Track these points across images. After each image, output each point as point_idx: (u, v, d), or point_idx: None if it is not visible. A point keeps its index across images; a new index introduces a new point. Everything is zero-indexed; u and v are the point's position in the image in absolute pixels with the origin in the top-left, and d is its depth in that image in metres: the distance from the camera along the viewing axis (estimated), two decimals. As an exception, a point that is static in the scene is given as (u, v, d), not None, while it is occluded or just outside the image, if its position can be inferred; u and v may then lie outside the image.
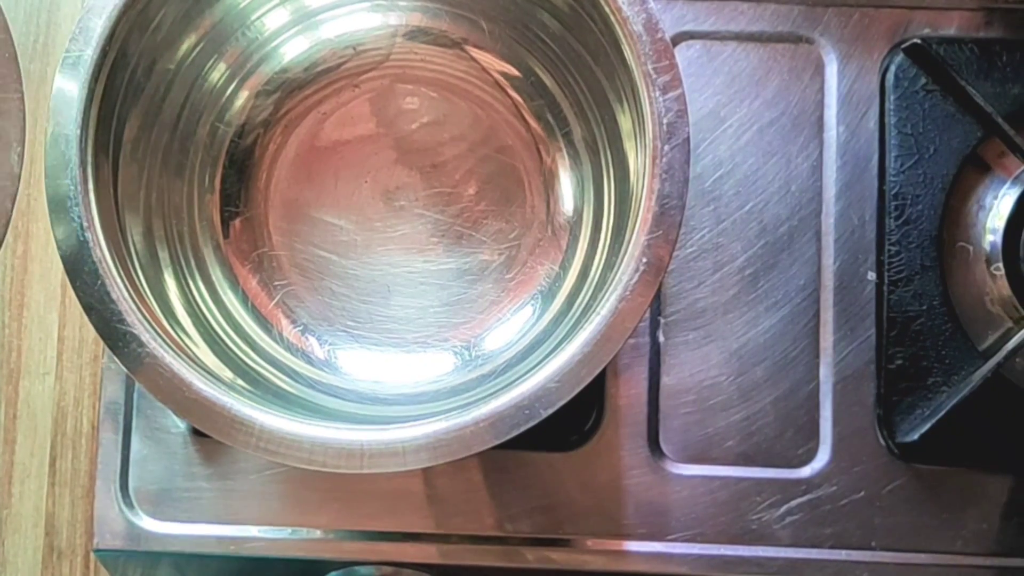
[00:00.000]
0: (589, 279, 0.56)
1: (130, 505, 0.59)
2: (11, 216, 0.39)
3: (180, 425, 0.59)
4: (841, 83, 0.61)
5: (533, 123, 0.60)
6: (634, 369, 0.59)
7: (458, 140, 0.60)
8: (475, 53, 0.60)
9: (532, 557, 0.58)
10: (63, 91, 0.48)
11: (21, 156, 0.39)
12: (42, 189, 0.47)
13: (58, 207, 0.48)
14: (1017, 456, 0.58)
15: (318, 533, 0.58)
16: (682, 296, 0.60)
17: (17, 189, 0.39)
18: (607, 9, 0.50)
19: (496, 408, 0.46)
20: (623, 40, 0.50)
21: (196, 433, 0.59)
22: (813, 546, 0.58)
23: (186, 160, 0.58)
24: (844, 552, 0.58)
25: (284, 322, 0.59)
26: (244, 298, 0.59)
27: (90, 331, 0.62)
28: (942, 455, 0.58)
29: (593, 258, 0.57)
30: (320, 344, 0.59)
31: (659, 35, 0.49)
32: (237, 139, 0.60)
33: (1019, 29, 0.61)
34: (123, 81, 0.52)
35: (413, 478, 0.59)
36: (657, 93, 0.49)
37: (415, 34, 0.61)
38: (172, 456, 0.59)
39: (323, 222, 0.60)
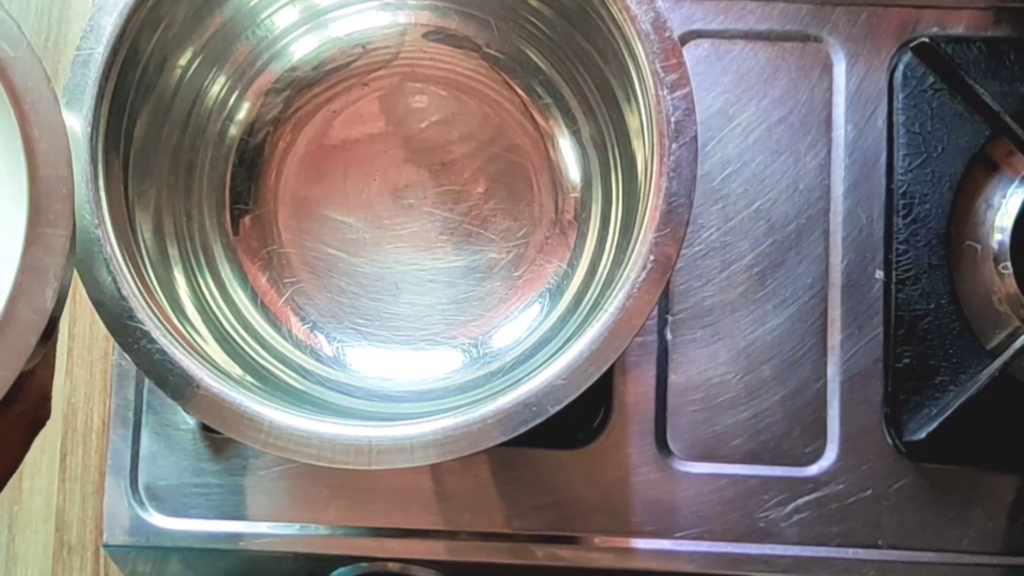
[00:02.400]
0: (597, 277, 0.56)
1: (140, 501, 0.59)
2: (33, 349, 0.39)
3: (189, 421, 0.59)
4: (849, 82, 0.61)
5: (541, 121, 0.60)
6: (642, 367, 0.60)
7: (467, 138, 0.60)
8: (484, 51, 0.60)
9: (541, 554, 0.59)
10: (74, 89, 0.49)
11: (56, 294, 0.40)
12: (53, 186, 0.48)
13: (69, 204, 0.48)
14: (1024, 455, 0.58)
15: (326, 529, 0.59)
16: (690, 294, 0.60)
17: (44, 326, 0.40)
18: (615, 8, 0.50)
19: (504, 405, 0.46)
20: (631, 39, 0.50)
21: (205, 429, 0.59)
22: (820, 544, 0.58)
23: (196, 158, 0.58)
24: (851, 550, 0.58)
25: (293, 319, 0.59)
26: (253, 295, 0.59)
27: (100, 328, 0.62)
28: (949, 454, 0.58)
29: (601, 256, 0.57)
30: (329, 341, 0.59)
31: (667, 34, 0.49)
32: (247, 137, 0.60)
33: (1028, 28, 0.62)
34: (134, 79, 0.52)
35: (421, 475, 0.59)
36: (665, 91, 0.49)
37: (424, 33, 0.61)
38: (182, 452, 0.59)
39: (332, 220, 0.60)
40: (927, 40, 0.61)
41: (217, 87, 0.59)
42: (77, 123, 0.48)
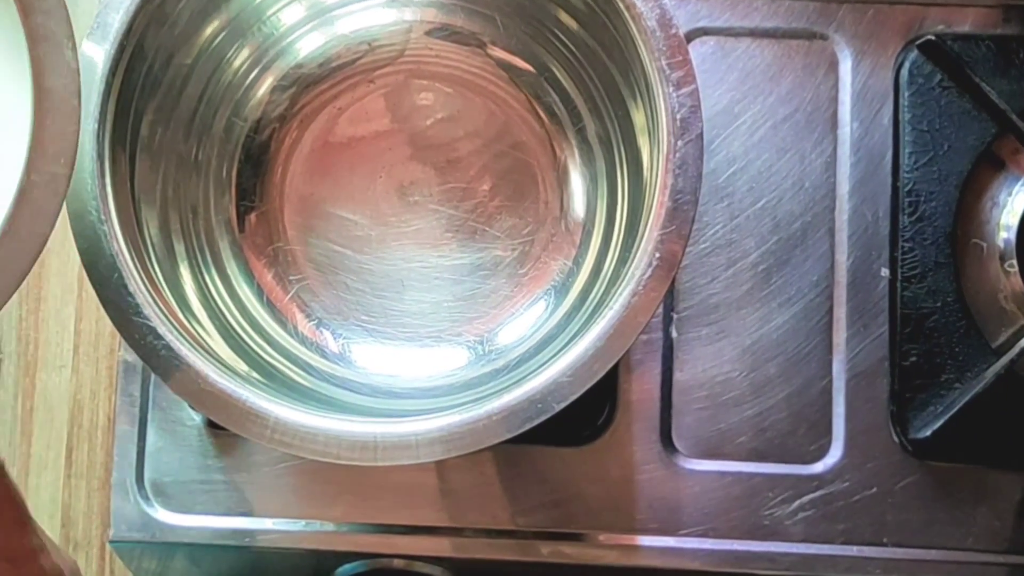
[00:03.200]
0: (602, 274, 0.56)
1: (145, 497, 0.59)
2: (79, 112, 0.38)
3: (195, 418, 0.59)
4: (855, 79, 0.61)
5: (547, 119, 0.60)
6: (647, 364, 0.59)
7: (472, 136, 0.60)
8: (490, 49, 0.60)
9: (545, 551, 0.59)
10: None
11: (75, 51, 0.39)
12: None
13: (75, 200, 0.48)
14: (1030, 453, 0.58)
15: (331, 526, 0.59)
16: (695, 292, 0.60)
17: (79, 86, 0.39)
18: (621, 5, 0.50)
19: (509, 402, 0.47)
20: (637, 36, 0.50)
21: (211, 426, 0.59)
22: (825, 542, 0.58)
23: (202, 154, 0.58)
24: (856, 548, 0.58)
25: (299, 316, 0.59)
26: (259, 292, 0.59)
27: (107, 324, 0.62)
28: (955, 452, 0.58)
29: (606, 253, 0.57)
30: (334, 338, 0.59)
31: (673, 31, 0.49)
32: (253, 134, 0.60)
33: (1035, 26, 0.61)
34: (140, 76, 0.52)
35: (426, 472, 0.59)
36: (671, 89, 0.49)
37: (430, 30, 0.61)
38: (187, 448, 0.59)
39: (338, 217, 0.60)
40: (934, 38, 0.60)
41: (222, 84, 0.59)
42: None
